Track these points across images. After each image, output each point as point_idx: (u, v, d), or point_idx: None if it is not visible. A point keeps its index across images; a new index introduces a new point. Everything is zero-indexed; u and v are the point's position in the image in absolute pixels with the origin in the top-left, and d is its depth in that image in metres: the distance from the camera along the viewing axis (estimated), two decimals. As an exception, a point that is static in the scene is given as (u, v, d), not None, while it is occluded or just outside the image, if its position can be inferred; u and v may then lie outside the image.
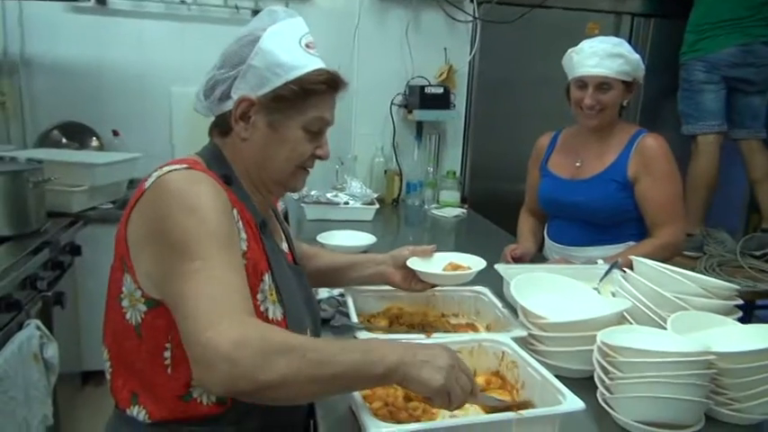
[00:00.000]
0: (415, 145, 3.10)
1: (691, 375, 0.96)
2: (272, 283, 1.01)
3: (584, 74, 1.78)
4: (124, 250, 0.94)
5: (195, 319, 0.79)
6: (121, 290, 0.95)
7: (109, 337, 1.01)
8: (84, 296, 2.55)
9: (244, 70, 1.00)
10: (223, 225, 0.89)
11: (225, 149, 1.05)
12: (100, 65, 3.01)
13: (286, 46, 1.01)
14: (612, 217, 1.85)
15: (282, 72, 1.00)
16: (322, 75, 1.02)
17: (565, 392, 0.94)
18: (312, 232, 2.16)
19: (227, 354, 0.74)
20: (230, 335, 0.76)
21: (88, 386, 2.63)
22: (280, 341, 0.79)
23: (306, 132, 1.04)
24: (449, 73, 3.04)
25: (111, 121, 3.05)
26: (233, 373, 0.74)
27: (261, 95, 1.00)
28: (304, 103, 1.02)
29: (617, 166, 1.83)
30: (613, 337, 1.07)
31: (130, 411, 0.97)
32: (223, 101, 1.02)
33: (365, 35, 2.98)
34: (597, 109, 1.79)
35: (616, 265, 1.54)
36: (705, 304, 1.20)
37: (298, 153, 1.05)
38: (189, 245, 0.85)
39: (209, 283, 0.82)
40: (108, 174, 2.63)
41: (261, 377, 0.75)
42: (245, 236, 0.98)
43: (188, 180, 0.92)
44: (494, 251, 2.02)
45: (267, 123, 1.02)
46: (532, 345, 1.21)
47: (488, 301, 1.40)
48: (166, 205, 0.89)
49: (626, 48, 1.78)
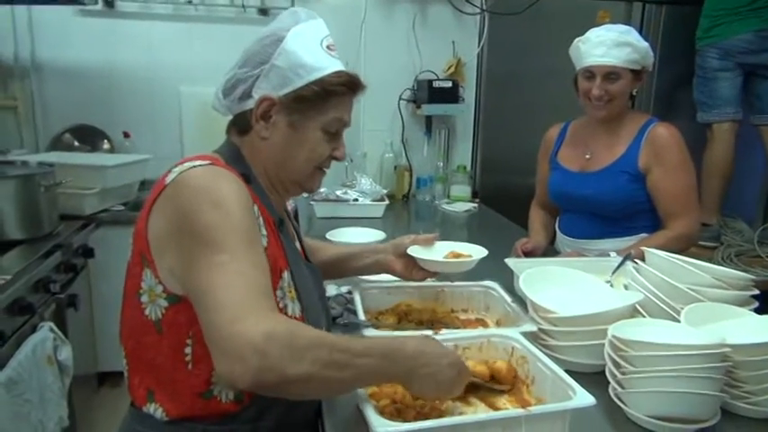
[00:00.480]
0: (424, 140, 3.08)
1: (706, 369, 0.93)
2: (291, 281, 1.02)
3: (591, 64, 1.75)
4: (144, 246, 0.94)
5: (222, 310, 0.79)
6: (140, 285, 0.95)
7: (125, 335, 1.01)
8: (98, 298, 2.57)
9: (267, 70, 1.01)
10: (246, 220, 0.90)
11: (243, 148, 1.06)
12: (109, 67, 3.02)
13: (308, 47, 1.02)
14: (624, 209, 1.82)
15: (305, 73, 1.01)
16: (342, 77, 1.04)
17: (575, 387, 0.92)
18: (322, 230, 2.15)
19: (258, 345, 0.75)
20: (260, 327, 0.76)
21: (104, 387, 2.65)
22: (308, 337, 0.80)
23: (325, 133, 1.05)
24: (457, 66, 3.01)
25: (122, 123, 3.07)
26: (262, 365, 0.75)
27: (282, 95, 1.01)
28: (324, 104, 1.03)
29: (627, 157, 1.80)
30: (625, 330, 1.05)
31: (147, 409, 0.97)
32: (244, 100, 1.03)
33: (372, 30, 2.96)
34: (606, 99, 1.76)
35: (629, 258, 1.51)
36: (720, 295, 1.17)
37: (317, 154, 1.06)
38: (214, 238, 0.85)
39: (236, 277, 0.82)
40: (119, 176, 2.65)
41: (289, 371, 0.76)
42: (265, 232, 0.98)
43: (211, 175, 0.93)
44: (506, 245, 2.00)
45: (288, 123, 1.02)
46: (542, 339, 1.19)
47: (498, 296, 1.38)
48: (190, 200, 0.89)
49: (634, 36, 1.74)
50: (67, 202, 2.41)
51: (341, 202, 2.54)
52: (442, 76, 3.00)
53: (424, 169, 3.04)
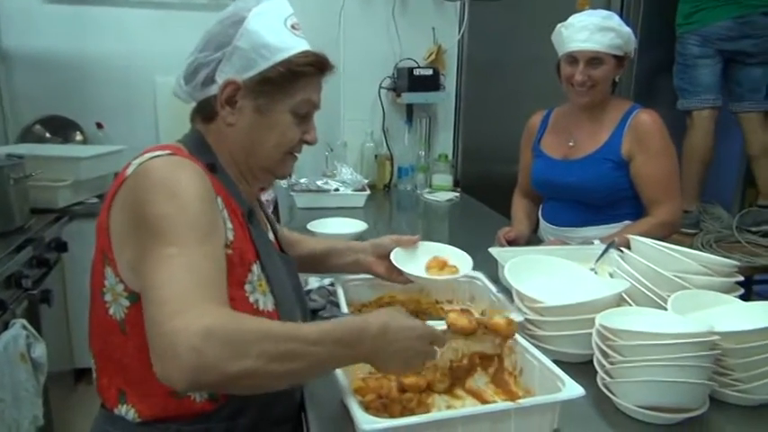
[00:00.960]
0: (405, 129, 3.04)
1: (694, 357, 0.92)
2: (262, 273, 0.98)
3: (574, 49, 1.73)
4: (106, 243, 0.90)
5: (162, 305, 0.74)
6: (104, 284, 0.91)
7: (94, 335, 0.97)
8: (73, 293, 2.50)
9: (229, 52, 0.96)
10: (204, 213, 0.85)
11: (208, 136, 1.01)
12: (81, 56, 2.93)
13: (272, 27, 0.97)
14: (608, 197, 1.81)
15: (269, 54, 0.96)
16: (309, 56, 0.99)
17: (564, 379, 0.91)
18: (303, 220, 2.12)
19: (194, 344, 0.69)
20: (198, 324, 0.71)
21: (81, 384, 2.59)
22: (251, 330, 0.75)
23: (294, 116, 1.00)
24: (437, 54, 2.98)
25: (95, 114, 2.98)
26: (199, 364, 0.69)
27: (247, 79, 0.96)
28: (292, 85, 0.98)
29: (611, 144, 1.79)
30: (612, 319, 1.04)
31: (118, 411, 0.94)
32: (207, 85, 0.98)
33: (350, 17, 2.91)
34: (588, 85, 1.74)
35: (612, 245, 1.50)
36: (706, 282, 1.16)
37: (287, 138, 1.01)
38: (166, 230, 0.81)
39: (182, 271, 0.77)
40: (93, 167, 2.58)
41: (229, 369, 0.71)
42: (231, 225, 0.94)
43: (170, 166, 0.88)
44: (488, 234, 1.98)
45: (254, 108, 0.98)
46: (529, 330, 1.17)
47: (483, 285, 1.36)
48: (146, 191, 0.85)
49: (616, 21, 1.73)
50: (39, 195, 2.34)
51: (322, 192, 2.51)
52: (423, 63, 2.97)
53: (406, 158, 3.01)
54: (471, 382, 1.05)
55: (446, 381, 1.04)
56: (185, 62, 1.00)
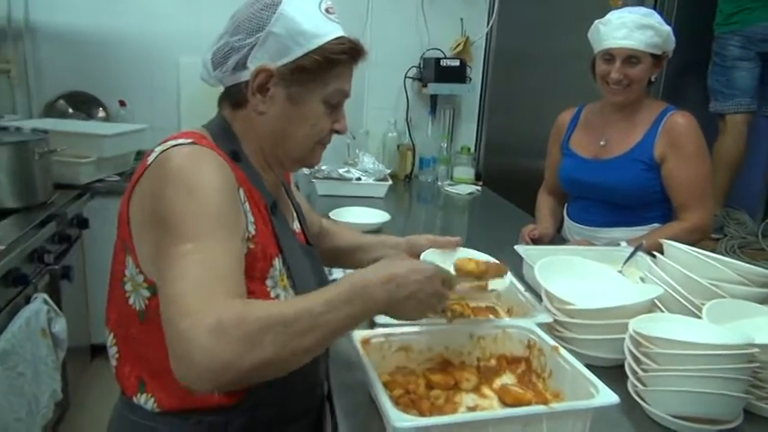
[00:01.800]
0: (428, 120, 3.02)
1: (732, 369, 0.90)
2: (283, 267, 0.96)
3: (611, 46, 1.69)
4: (126, 233, 0.88)
5: (173, 303, 0.72)
6: (124, 273, 0.90)
7: (113, 321, 0.96)
8: (92, 269, 2.52)
9: (263, 38, 0.91)
10: (224, 207, 0.83)
11: (235, 123, 0.98)
12: (106, 33, 2.93)
13: (307, 11, 0.92)
14: (638, 199, 1.78)
15: (304, 41, 0.91)
16: (344, 43, 0.94)
17: (598, 385, 0.88)
18: (323, 208, 2.10)
19: (205, 346, 0.68)
20: (206, 322, 0.69)
21: (97, 359, 2.62)
22: (259, 319, 0.72)
23: (326, 106, 0.96)
24: (465, 45, 2.94)
25: (118, 92, 2.99)
26: (214, 366, 0.68)
27: (281, 66, 0.92)
28: (326, 74, 0.94)
29: (643, 145, 1.75)
30: (646, 326, 1.02)
31: (137, 399, 0.93)
32: (238, 71, 0.93)
33: (379, 5, 2.88)
34: (624, 84, 1.71)
35: (640, 248, 1.48)
36: (742, 292, 1.14)
37: (318, 128, 0.97)
38: (183, 226, 0.78)
39: (195, 267, 0.75)
40: (116, 145, 2.58)
41: (245, 364, 0.69)
42: (252, 218, 0.91)
43: (191, 157, 0.85)
44: (509, 230, 1.96)
45: (287, 96, 0.93)
46: (558, 331, 1.16)
47: (509, 284, 1.34)
48: (165, 183, 0.82)
49: (656, 18, 1.68)
50: (62, 171, 2.35)
51: (343, 180, 2.49)
52: (450, 54, 2.93)
53: (428, 149, 2.99)
54: (499, 382, 1.04)
55: (474, 379, 1.03)
56: (213, 46, 0.96)
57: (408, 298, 0.84)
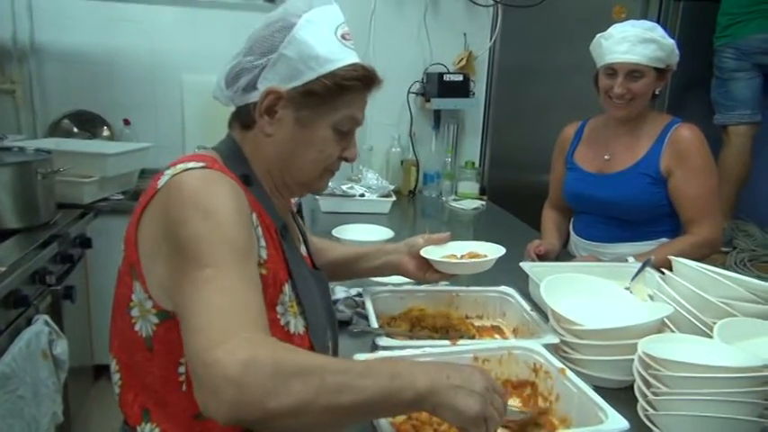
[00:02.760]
0: (432, 135, 3.01)
1: (746, 393, 0.87)
2: (293, 293, 0.94)
3: (613, 61, 1.68)
4: (134, 257, 0.86)
5: (199, 334, 0.70)
6: (131, 298, 0.88)
7: (117, 347, 0.93)
8: (95, 289, 2.51)
9: (274, 59, 0.91)
10: (240, 231, 0.81)
11: (245, 145, 0.97)
12: (110, 52, 2.94)
13: (321, 36, 0.92)
14: (644, 213, 1.76)
15: (316, 65, 0.91)
16: (358, 70, 0.93)
17: (606, 410, 0.86)
18: (327, 225, 2.09)
19: (235, 377, 0.65)
20: (239, 355, 0.66)
21: (100, 380, 2.60)
22: (295, 363, 0.69)
23: (335, 132, 0.95)
24: (468, 60, 2.94)
25: (122, 110, 2.99)
26: (240, 399, 0.65)
27: (291, 88, 0.91)
28: (336, 100, 0.93)
29: (649, 159, 1.73)
30: (656, 347, 0.99)
31: (141, 429, 0.90)
32: (248, 91, 0.93)
33: (382, 21, 2.88)
34: (627, 98, 1.69)
35: (648, 264, 1.46)
36: (754, 310, 1.11)
37: (326, 155, 0.96)
38: (201, 251, 0.76)
39: (221, 295, 0.73)
40: (119, 164, 2.58)
41: (271, 404, 0.66)
42: (264, 243, 0.90)
43: (204, 180, 0.83)
44: (515, 245, 1.93)
45: (295, 120, 0.93)
46: (565, 352, 1.13)
47: (515, 302, 1.32)
48: (180, 208, 0.80)
49: (659, 32, 1.67)
50: (65, 191, 2.34)
51: (347, 197, 2.48)
52: (453, 69, 2.93)
53: (432, 165, 2.97)
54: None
55: None
56: (228, 64, 0.96)
57: (458, 388, 0.75)
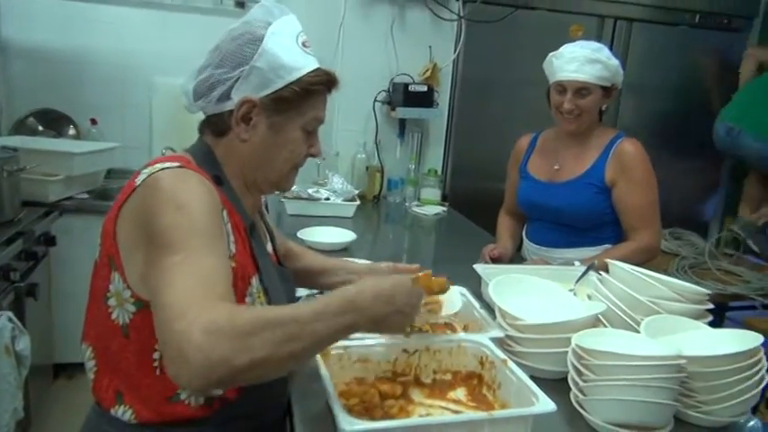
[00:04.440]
0: (397, 142, 3.09)
1: (662, 379, 0.98)
2: (260, 286, 1.01)
3: (563, 78, 1.80)
4: (113, 249, 0.93)
5: (166, 309, 0.77)
6: (108, 288, 0.94)
7: (92, 336, 0.99)
8: (59, 287, 2.51)
9: (247, 71, 0.99)
10: (211, 224, 0.88)
11: (217, 149, 1.04)
12: (79, 52, 2.95)
13: (286, 46, 1.00)
14: (589, 220, 1.88)
15: (285, 74, 0.99)
16: (321, 75, 1.03)
17: (538, 394, 0.95)
18: (292, 227, 2.15)
19: (198, 343, 0.71)
20: (199, 322, 0.73)
21: (60, 379, 2.59)
22: (251, 320, 0.76)
23: (303, 132, 1.05)
24: (433, 71, 3.04)
25: (89, 110, 3.00)
26: (207, 363, 0.71)
27: (263, 97, 0.99)
28: (304, 103, 1.02)
29: (595, 170, 1.85)
30: (587, 339, 1.09)
31: (114, 411, 0.96)
32: (222, 101, 1.01)
33: (350, 31, 2.96)
34: (576, 113, 1.81)
35: (592, 268, 1.56)
36: (678, 308, 1.22)
37: (296, 153, 1.06)
38: (173, 239, 0.83)
39: (187, 276, 0.80)
40: (86, 163, 2.59)
41: (236, 362, 0.72)
42: (233, 238, 0.97)
43: (179, 178, 0.91)
44: (473, 250, 2.03)
45: (268, 125, 1.01)
46: (509, 346, 1.22)
47: (467, 301, 1.40)
48: (155, 202, 0.87)
49: (605, 53, 1.80)
50: (31, 189, 2.35)
51: (312, 200, 2.54)
52: (418, 79, 3.02)
53: (396, 171, 3.06)
54: (452, 395, 1.10)
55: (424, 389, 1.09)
56: (196, 77, 1.03)
57: (396, 312, 0.90)
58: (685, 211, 3.21)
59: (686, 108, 3.29)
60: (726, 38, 3.28)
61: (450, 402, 1.08)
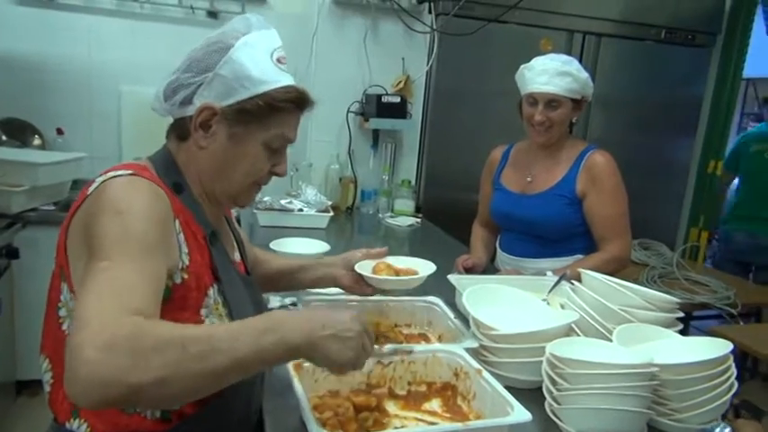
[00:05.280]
0: (370, 153, 3.10)
1: (635, 387, 0.99)
2: (219, 296, 0.99)
3: (534, 90, 1.82)
4: (63, 260, 0.91)
5: (76, 319, 0.72)
6: (59, 299, 0.92)
7: (49, 347, 0.96)
8: (22, 302, 2.43)
9: (210, 78, 0.97)
10: (150, 233, 0.85)
11: (179, 155, 1.02)
12: (46, 60, 2.88)
13: (257, 59, 0.98)
14: (561, 231, 1.90)
15: (250, 85, 0.97)
16: (291, 93, 1.00)
17: (513, 404, 0.95)
18: (265, 239, 2.13)
19: (90, 358, 0.67)
20: (100, 337, 0.68)
21: (22, 396, 2.50)
22: (156, 337, 0.71)
23: (266, 149, 1.01)
24: (406, 83, 3.06)
25: (56, 119, 2.93)
26: (96, 378, 0.67)
27: (225, 106, 0.97)
28: (268, 119, 0.99)
29: (566, 182, 1.88)
30: (561, 348, 1.10)
31: (70, 425, 0.93)
32: (185, 105, 0.99)
33: (323, 41, 2.96)
34: (546, 125, 1.84)
35: (564, 277, 1.58)
36: (649, 317, 1.24)
37: (256, 169, 1.02)
38: (103, 246, 0.81)
39: (104, 284, 0.76)
40: (51, 174, 2.53)
41: (131, 380, 0.67)
42: (186, 249, 0.94)
43: (125, 186, 0.89)
44: (447, 260, 2.03)
45: (228, 135, 0.99)
46: (484, 356, 1.22)
47: (441, 311, 1.40)
48: (97, 209, 0.85)
49: (575, 66, 1.83)
50: (-7, 199, 2.28)
51: (285, 211, 2.52)
52: (391, 91, 3.04)
53: (369, 182, 3.06)
54: (427, 406, 1.09)
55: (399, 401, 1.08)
56: (168, 78, 1.01)
57: (332, 337, 0.82)
58: (652, 222, 3.26)
59: (653, 120, 3.37)
60: (691, 53, 3.38)
61: (425, 414, 1.08)
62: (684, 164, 3.54)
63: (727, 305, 2.49)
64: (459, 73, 3.11)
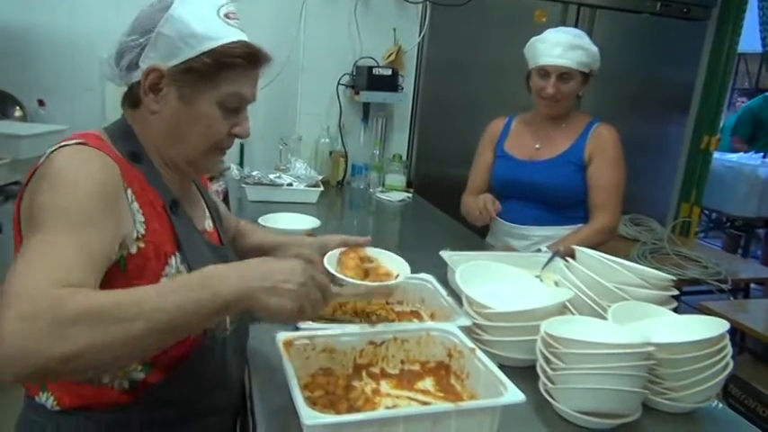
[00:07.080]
0: (361, 127, 3.04)
1: (630, 366, 0.97)
2: (183, 265, 0.95)
3: (547, 63, 1.84)
4: (17, 231, 0.88)
5: (5, 294, 0.70)
6: None
7: None
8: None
9: (153, 38, 0.92)
10: (92, 205, 0.82)
11: (135, 124, 0.98)
12: (27, 29, 2.80)
13: (200, 14, 0.94)
14: (568, 197, 1.94)
15: (195, 43, 0.92)
16: (238, 47, 0.95)
17: (506, 384, 0.93)
18: (254, 214, 2.08)
19: (14, 330, 0.66)
20: (20, 308, 0.67)
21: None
22: (76, 307, 0.69)
23: (222, 109, 0.97)
24: (397, 55, 2.99)
25: (37, 90, 2.86)
26: (19, 352, 0.66)
27: (171, 66, 0.93)
28: (218, 76, 0.94)
29: (575, 148, 1.92)
30: (556, 327, 1.08)
31: (39, 398, 0.92)
32: (132, 70, 0.95)
33: (312, 12, 2.88)
34: (557, 98, 1.86)
35: (558, 254, 1.56)
36: (643, 294, 1.22)
37: (213, 131, 0.98)
38: (40, 218, 0.79)
39: (37, 256, 0.74)
40: (33, 146, 2.47)
41: (54, 352, 0.67)
42: (142, 218, 0.91)
43: (71, 156, 0.86)
44: (438, 236, 2.02)
45: (179, 97, 0.94)
46: (477, 334, 1.20)
47: (433, 289, 1.38)
48: (39, 181, 0.83)
49: (586, 40, 1.86)
50: (-27, 173, 2.22)
51: (274, 186, 2.48)
52: (382, 63, 2.97)
53: (360, 156, 3.01)
54: (420, 385, 1.07)
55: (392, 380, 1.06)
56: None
57: (272, 289, 0.79)
58: (643, 197, 3.25)
59: (646, 95, 3.34)
60: (686, 26, 3.34)
61: (417, 393, 1.06)
62: (677, 139, 3.53)
63: (717, 281, 2.50)
64: (452, 45, 3.04)
